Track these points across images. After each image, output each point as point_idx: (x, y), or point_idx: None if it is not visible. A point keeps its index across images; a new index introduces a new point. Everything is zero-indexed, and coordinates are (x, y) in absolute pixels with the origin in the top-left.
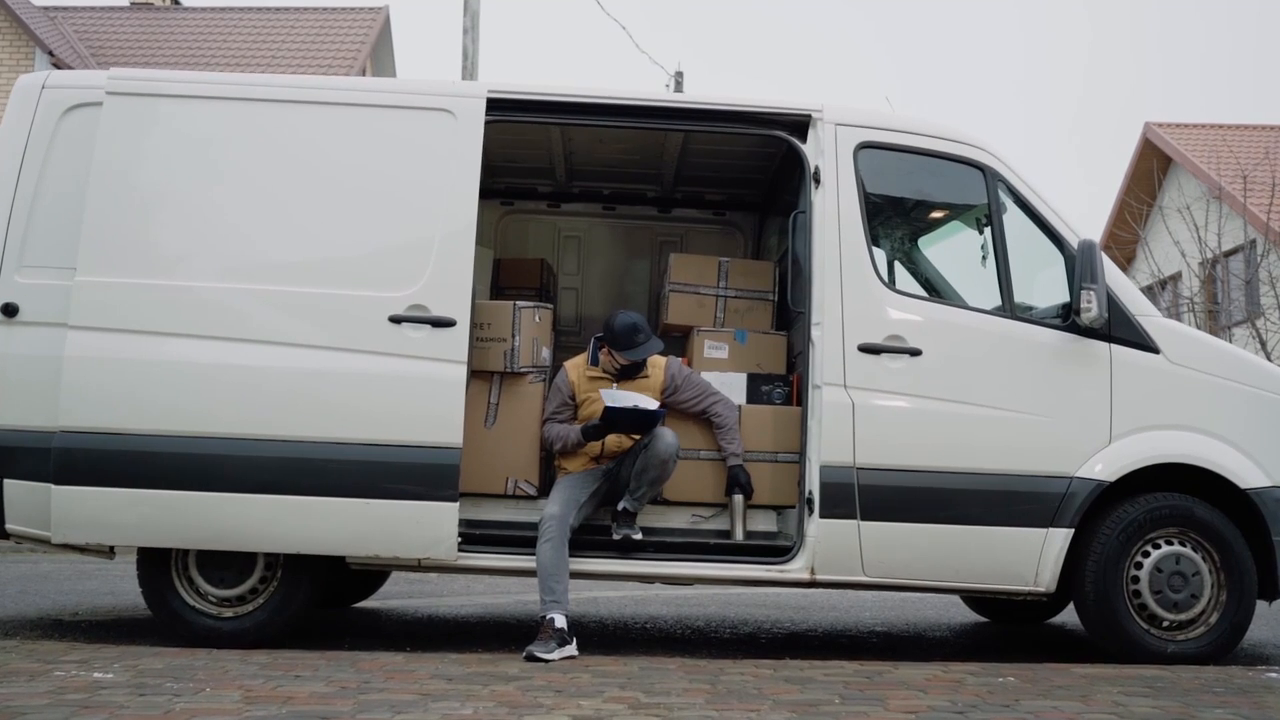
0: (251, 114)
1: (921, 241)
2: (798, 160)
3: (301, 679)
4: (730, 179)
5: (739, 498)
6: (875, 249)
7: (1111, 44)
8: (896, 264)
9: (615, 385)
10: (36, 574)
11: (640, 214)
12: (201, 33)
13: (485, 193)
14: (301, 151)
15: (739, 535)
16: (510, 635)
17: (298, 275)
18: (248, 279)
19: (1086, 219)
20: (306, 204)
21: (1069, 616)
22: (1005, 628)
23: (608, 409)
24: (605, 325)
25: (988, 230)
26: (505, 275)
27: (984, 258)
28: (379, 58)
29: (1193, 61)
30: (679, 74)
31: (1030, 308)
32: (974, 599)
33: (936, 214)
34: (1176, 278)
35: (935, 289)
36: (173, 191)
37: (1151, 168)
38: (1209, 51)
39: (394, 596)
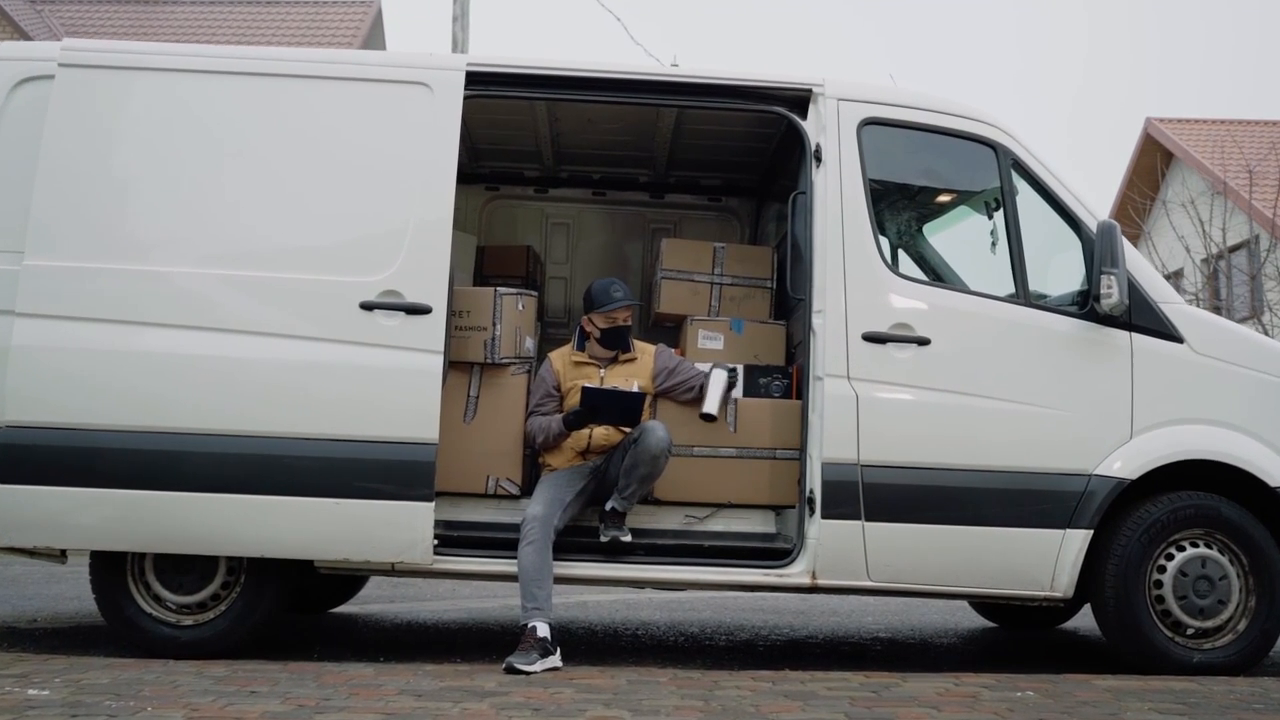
0: (213, 88)
1: (929, 224)
2: (797, 139)
3: (257, 695)
4: (726, 162)
5: (721, 373)
6: (880, 231)
7: (1109, 39)
8: (902, 247)
9: (603, 371)
10: (5, 577)
11: (632, 200)
12: (190, 26)
13: (469, 177)
14: (267, 127)
15: (712, 407)
16: (492, 643)
17: (263, 259)
18: (209, 263)
19: None
20: (272, 183)
21: (1080, 621)
22: (1015, 634)
23: (585, 389)
24: (584, 294)
25: (1000, 212)
26: (489, 263)
27: (996, 241)
28: (371, 50)
29: (1191, 57)
30: (675, 66)
31: (1044, 296)
32: (982, 603)
33: (945, 195)
34: (1179, 273)
35: (944, 274)
36: (128, 170)
37: (1153, 163)
38: (1207, 47)
39: (374, 601)
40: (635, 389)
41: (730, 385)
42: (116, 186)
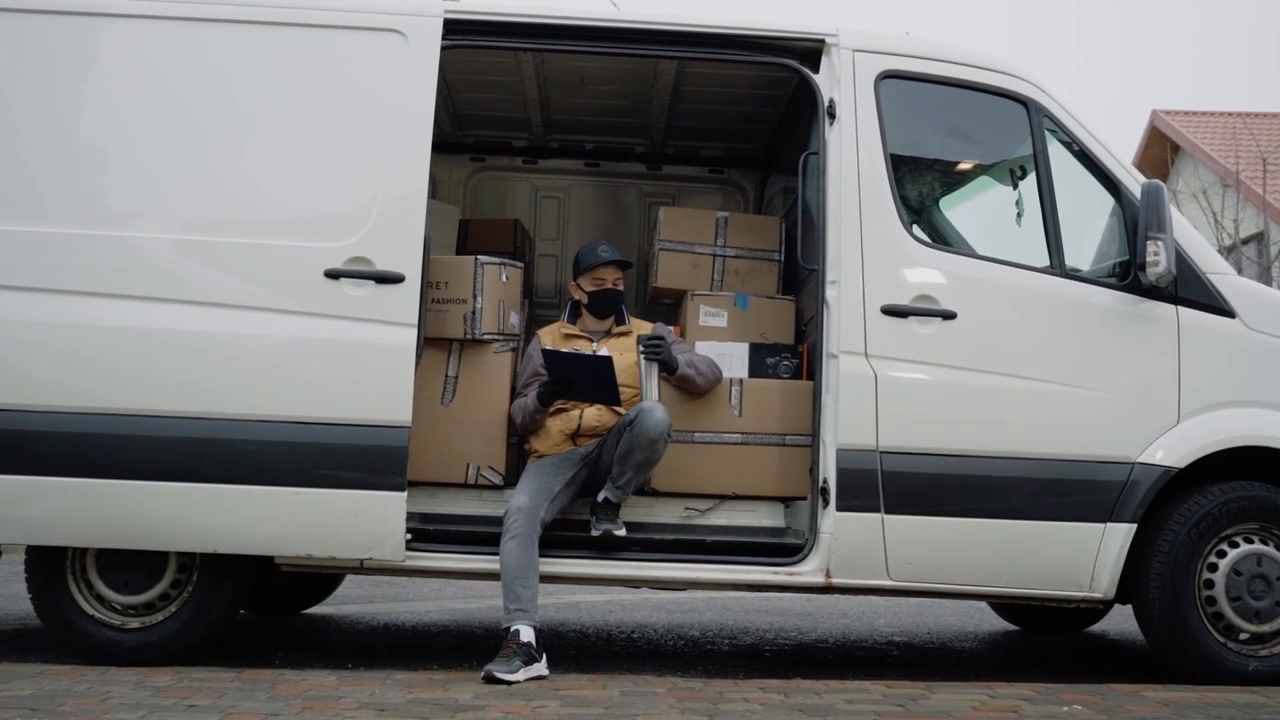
0: (158, 34)
1: (954, 186)
2: (807, 101)
3: (195, 710)
4: (729, 130)
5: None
6: (900, 195)
7: (1102, 31)
8: (925, 212)
9: (595, 345)
10: None
11: (627, 171)
12: None
13: (453, 146)
14: (221, 78)
15: (652, 394)
16: (475, 647)
17: (216, 223)
18: (156, 227)
19: None
20: (227, 140)
21: (1108, 624)
22: (1039, 637)
23: (544, 351)
24: (572, 261)
25: (1032, 174)
26: (474, 238)
27: (1026, 207)
28: None
29: (1186, 49)
30: None
31: (1078, 270)
32: (1002, 604)
33: (972, 155)
34: None
35: (970, 242)
36: (61, 125)
37: (1162, 156)
38: (1202, 40)
39: (352, 601)
40: (604, 353)
41: (661, 367)
42: (46, 143)
